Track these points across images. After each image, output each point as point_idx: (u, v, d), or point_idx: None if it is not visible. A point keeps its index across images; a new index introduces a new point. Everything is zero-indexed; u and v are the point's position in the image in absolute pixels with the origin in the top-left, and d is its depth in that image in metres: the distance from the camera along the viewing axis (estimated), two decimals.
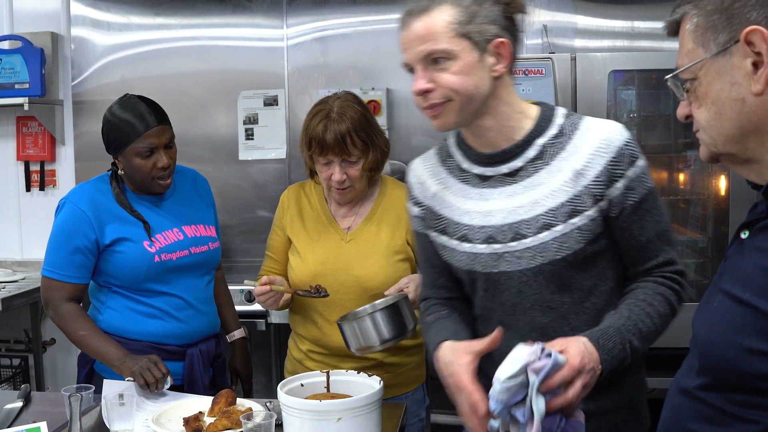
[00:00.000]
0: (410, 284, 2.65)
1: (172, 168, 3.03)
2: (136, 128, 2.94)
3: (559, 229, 1.98)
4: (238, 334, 3.36)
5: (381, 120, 4.53)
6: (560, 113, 2.08)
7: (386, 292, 2.58)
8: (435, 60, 1.95)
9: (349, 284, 2.88)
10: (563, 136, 2.03)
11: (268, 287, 2.76)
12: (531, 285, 2.03)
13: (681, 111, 1.58)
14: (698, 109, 1.55)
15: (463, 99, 1.97)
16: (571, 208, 1.98)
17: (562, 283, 2.01)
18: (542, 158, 2.03)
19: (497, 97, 2.01)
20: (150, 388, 2.75)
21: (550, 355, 1.71)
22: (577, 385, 1.74)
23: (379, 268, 2.88)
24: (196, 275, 3.10)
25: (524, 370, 1.68)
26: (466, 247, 2.10)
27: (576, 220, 1.98)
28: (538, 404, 1.68)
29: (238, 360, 3.35)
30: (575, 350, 1.77)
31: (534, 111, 2.08)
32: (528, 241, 2.00)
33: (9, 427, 2.60)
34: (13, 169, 5.26)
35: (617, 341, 1.87)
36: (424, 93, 1.98)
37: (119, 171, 3.04)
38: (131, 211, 3.01)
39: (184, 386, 3.01)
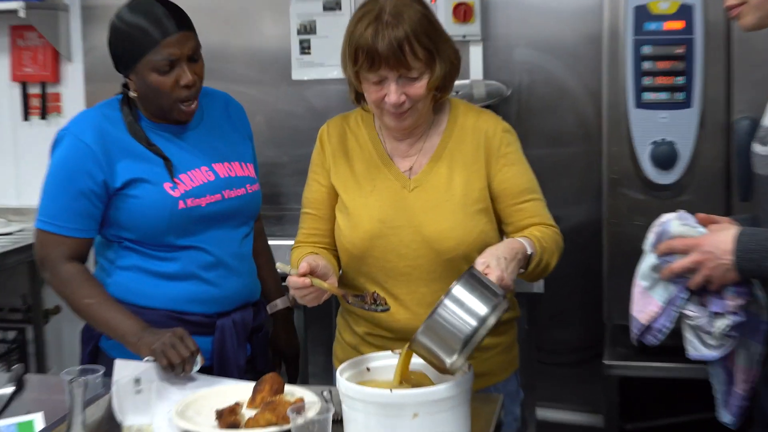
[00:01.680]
0: (490, 261, 2.48)
1: (198, 87, 3.00)
2: (150, 36, 2.91)
3: None
4: (281, 303, 3.35)
5: (473, 28, 4.54)
6: None
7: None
8: None
9: (416, 246, 2.81)
10: None
11: (308, 281, 2.62)
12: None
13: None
14: None
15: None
16: None
17: None
18: None
19: None
20: (175, 370, 2.75)
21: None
22: (687, 259, 2.35)
23: (454, 222, 2.82)
24: (230, 226, 3.09)
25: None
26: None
27: None
28: (645, 260, 2.43)
29: (281, 336, 3.35)
30: (711, 233, 2.39)
31: None
32: None
33: None
34: (7, 93, 5.33)
35: (764, 249, 2.31)
36: None
37: (132, 93, 3.03)
38: (148, 144, 3.00)
39: (213, 368, 3.02)
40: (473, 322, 2.30)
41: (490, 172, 2.87)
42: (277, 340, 3.35)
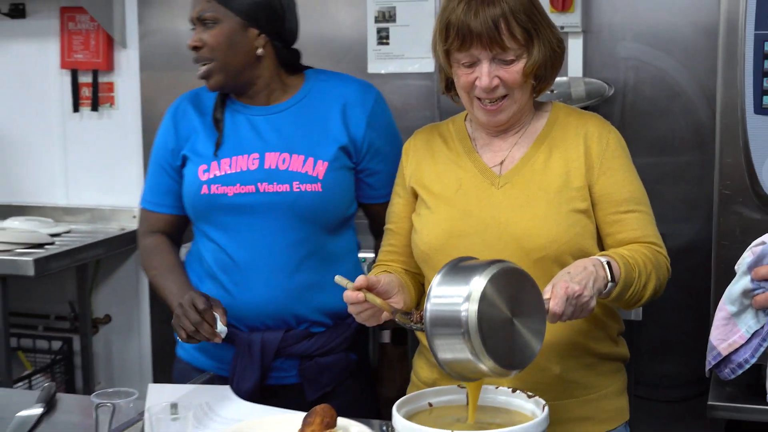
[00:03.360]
0: (555, 290, 2.43)
1: (202, 55, 3.05)
2: None
3: None
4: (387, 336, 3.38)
5: (573, 18, 4.51)
6: None
7: None
8: None
9: (502, 247, 2.75)
10: None
11: (361, 295, 2.59)
12: None
13: None
14: None
15: None
16: None
17: None
18: None
19: None
20: (189, 341, 2.91)
21: None
22: None
23: (545, 218, 2.77)
24: (271, 228, 3.07)
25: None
26: None
27: None
28: (736, 283, 2.36)
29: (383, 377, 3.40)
30: None
31: None
32: None
33: None
34: (57, 81, 5.37)
35: None
36: None
37: None
38: (214, 119, 3.13)
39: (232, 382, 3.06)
40: (463, 293, 2.28)
41: (592, 177, 2.84)
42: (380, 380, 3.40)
